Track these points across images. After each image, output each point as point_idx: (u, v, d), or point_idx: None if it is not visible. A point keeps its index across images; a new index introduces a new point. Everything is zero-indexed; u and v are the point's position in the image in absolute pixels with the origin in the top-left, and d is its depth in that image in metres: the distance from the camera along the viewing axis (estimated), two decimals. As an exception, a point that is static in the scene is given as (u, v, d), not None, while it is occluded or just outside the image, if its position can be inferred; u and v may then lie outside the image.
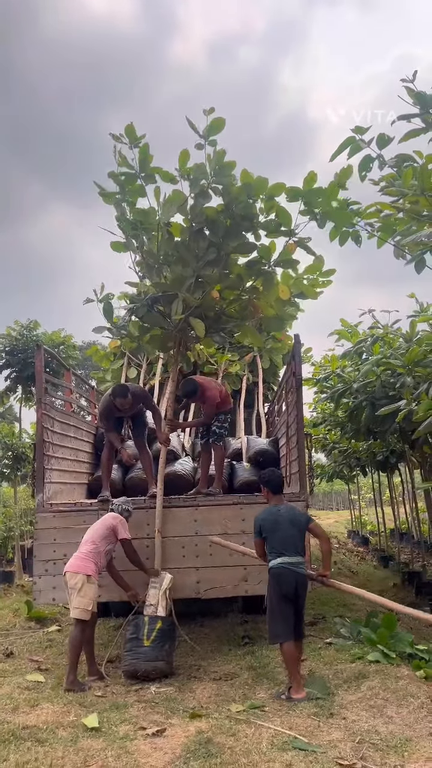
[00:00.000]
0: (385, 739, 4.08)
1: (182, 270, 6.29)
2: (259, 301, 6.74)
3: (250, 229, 6.26)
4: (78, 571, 5.39)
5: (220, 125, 5.97)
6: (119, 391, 6.56)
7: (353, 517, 24.76)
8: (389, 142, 6.34)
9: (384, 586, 12.04)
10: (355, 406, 8.48)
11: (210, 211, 6.14)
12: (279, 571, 5.07)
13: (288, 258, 6.40)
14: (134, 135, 6.15)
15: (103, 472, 7.01)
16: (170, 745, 4.06)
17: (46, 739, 4.17)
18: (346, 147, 6.34)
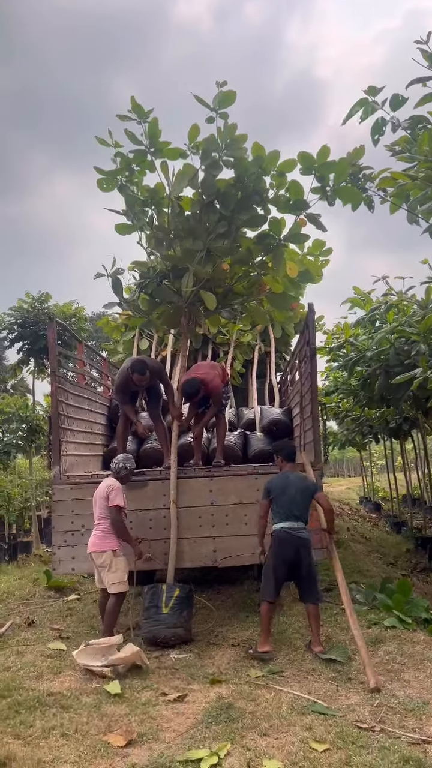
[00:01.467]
0: (402, 702, 4.15)
1: (193, 243, 6.24)
2: (266, 277, 6.70)
3: (260, 203, 6.19)
4: (102, 549, 5.48)
5: (231, 98, 5.88)
6: (138, 367, 6.55)
7: (365, 484, 24.87)
8: (403, 104, 6.18)
9: (397, 551, 12.15)
10: (368, 374, 8.42)
11: (221, 184, 6.08)
12: (281, 535, 5.32)
13: (298, 232, 6.33)
14: (142, 110, 6.06)
15: (119, 444, 7.05)
16: (192, 711, 4.15)
17: (71, 705, 4.28)
18: (359, 109, 6.20)
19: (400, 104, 6.13)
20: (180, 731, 3.85)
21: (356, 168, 6.71)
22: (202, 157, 6.01)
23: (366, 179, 6.77)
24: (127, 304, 7.24)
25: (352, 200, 6.22)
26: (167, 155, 6.24)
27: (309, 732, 3.74)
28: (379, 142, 6.37)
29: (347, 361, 8.62)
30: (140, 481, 6.47)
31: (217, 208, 6.16)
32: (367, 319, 8.87)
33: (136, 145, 6.22)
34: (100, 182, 6.46)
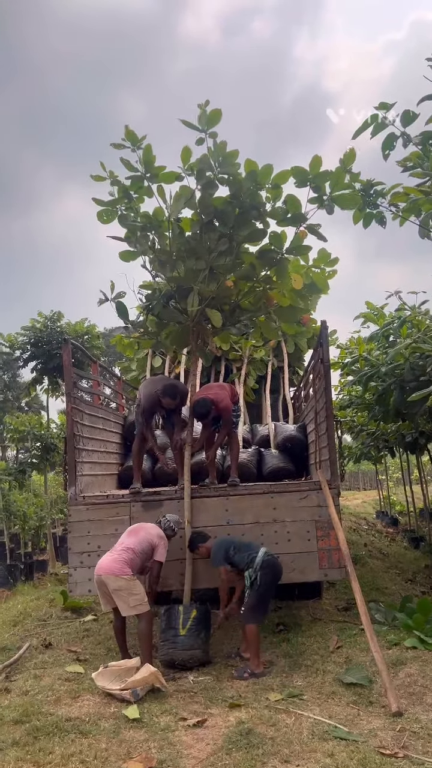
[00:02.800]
0: (426, 727, 4.09)
1: (195, 263, 6.27)
2: (273, 291, 6.70)
3: (258, 218, 6.22)
4: (121, 574, 5.29)
5: (216, 117, 5.90)
6: (170, 392, 6.54)
7: (381, 498, 24.64)
8: (414, 119, 6.20)
9: (416, 567, 11.99)
10: (383, 389, 8.38)
11: (218, 201, 6.11)
12: (272, 560, 5.57)
13: (299, 245, 6.34)
14: (135, 138, 6.12)
15: (135, 463, 7.04)
16: (212, 736, 4.11)
17: (89, 731, 4.24)
18: (370, 125, 6.22)
19: (411, 120, 6.15)
20: (200, 758, 3.81)
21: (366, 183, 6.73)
22: (197, 177, 6.05)
23: (378, 195, 6.78)
24: (134, 327, 7.27)
25: (351, 206, 6.22)
26: (163, 179, 6.28)
27: (331, 759, 3.68)
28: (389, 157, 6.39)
29: (361, 376, 8.58)
30: (155, 500, 6.46)
31: (216, 226, 6.19)
32: (380, 334, 8.85)
33: (132, 172, 6.27)
34: (99, 215, 6.51)
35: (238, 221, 6.09)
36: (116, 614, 5.54)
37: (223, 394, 6.72)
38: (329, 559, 6.15)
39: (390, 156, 6.33)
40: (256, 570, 5.43)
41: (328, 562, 6.14)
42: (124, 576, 5.31)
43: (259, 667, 5.38)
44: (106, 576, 5.33)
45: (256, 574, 5.42)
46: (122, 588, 5.31)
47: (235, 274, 6.52)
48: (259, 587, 5.42)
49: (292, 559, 6.16)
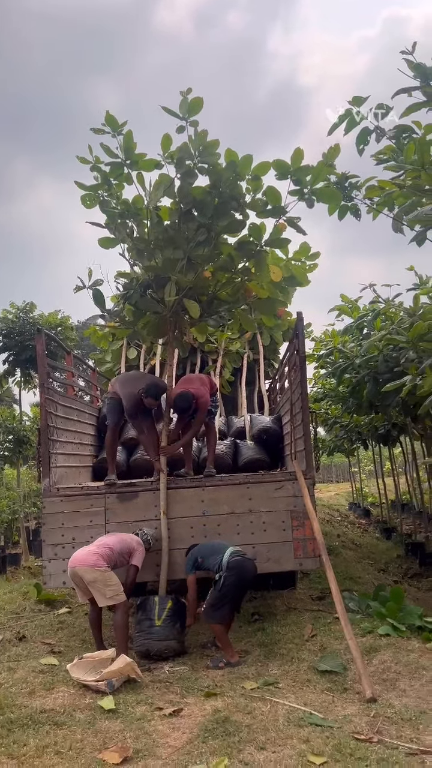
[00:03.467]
0: (399, 712, 4.14)
1: (173, 252, 6.23)
2: (251, 283, 6.69)
3: (238, 209, 6.19)
4: (91, 566, 5.26)
5: (198, 105, 5.87)
6: (153, 392, 6.44)
7: (354, 490, 24.91)
8: (388, 113, 6.24)
9: (388, 557, 12.16)
10: (357, 381, 8.45)
11: (197, 191, 6.06)
12: (240, 560, 5.48)
13: (279, 237, 6.32)
14: (115, 123, 6.09)
15: (109, 454, 6.99)
16: (188, 725, 4.11)
17: (64, 722, 4.21)
18: (344, 120, 6.24)
19: (384, 114, 6.18)
20: (176, 746, 3.81)
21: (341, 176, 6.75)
22: (176, 165, 6.01)
23: (352, 188, 6.81)
24: (111, 316, 7.21)
25: (332, 201, 6.21)
26: (143, 167, 6.25)
27: (306, 745, 3.71)
28: (364, 151, 6.41)
29: (336, 368, 8.65)
30: (130, 492, 6.44)
31: (195, 216, 6.15)
32: (354, 327, 8.92)
33: (113, 159, 6.23)
34: (83, 199, 6.44)
35: (217, 212, 6.06)
36: (92, 605, 5.51)
37: (204, 389, 6.70)
38: (304, 549, 6.19)
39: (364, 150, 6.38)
40: (223, 571, 5.38)
41: (303, 552, 6.19)
42: (99, 568, 5.28)
43: (234, 657, 5.39)
44: (80, 568, 5.29)
45: (222, 574, 5.37)
46: (97, 580, 5.28)
47: (213, 265, 6.49)
48: (221, 587, 5.34)
49: (268, 548, 6.19)
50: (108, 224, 6.43)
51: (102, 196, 6.38)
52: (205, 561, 5.54)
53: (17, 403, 28.60)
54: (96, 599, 5.34)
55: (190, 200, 6.10)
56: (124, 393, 6.63)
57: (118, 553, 5.53)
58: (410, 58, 5.27)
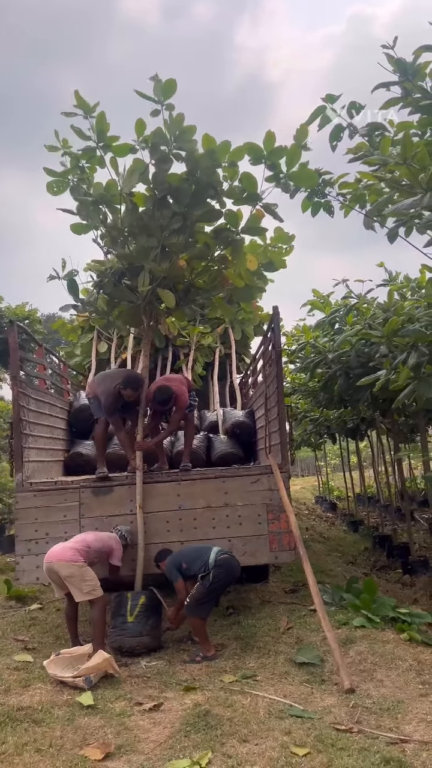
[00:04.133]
0: (377, 702, 4.20)
1: (147, 240, 6.13)
2: (228, 271, 6.63)
3: (214, 197, 6.09)
4: (68, 561, 5.22)
5: (172, 87, 5.69)
6: (132, 383, 6.36)
7: (320, 483, 25.17)
8: (360, 110, 6.29)
9: (356, 550, 12.33)
10: (329, 376, 8.52)
11: (173, 178, 5.94)
12: (228, 558, 5.49)
13: (256, 225, 6.25)
14: (87, 105, 5.91)
15: (99, 448, 6.90)
16: (169, 719, 4.10)
17: (43, 720, 4.16)
18: (317, 117, 6.26)
19: (357, 111, 6.23)
20: (159, 741, 3.79)
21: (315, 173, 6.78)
22: (151, 151, 5.86)
23: (326, 184, 6.84)
24: (85, 306, 7.11)
25: (308, 184, 6.16)
26: (116, 152, 6.07)
27: (288, 736, 3.73)
28: (336, 147, 6.45)
29: (308, 363, 8.69)
30: (106, 486, 6.38)
31: (171, 203, 6.03)
32: (327, 322, 8.98)
33: (85, 141, 6.05)
34: (50, 185, 6.29)
35: (193, 199, 5.97)
36: (68, 601, 5.45)
37: (183, 389, 6.68)
38: (279, 542, 6.22)
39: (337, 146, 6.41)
40: (210, 568, 5.34)
41: (278, 545, 6.22)
42: (75, 563, 5.23)
43: (211, 650, 5.39)
44: (57, 563, 5.24)
45: (210, 572, 5.33)
46: (74, 575, 5.23)
47: (188, 253, 6.40)
48: (210, 583, 5.31)
49: (244, 542, 6.20)
50: (80, 210, 6.27)
51: (72, 181, 6.24)
52: (190, 566, 5.45)
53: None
54: (73, 594, 5.28)
55: (165, 187, 5.97)
56: (101, 391, 6.56)
57: (96, 551, 5.48)
58: (390, 52, 5.31)
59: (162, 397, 6.41)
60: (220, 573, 5.35)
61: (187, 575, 5.48)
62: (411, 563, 9.40)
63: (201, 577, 5.34)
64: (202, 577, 5.34)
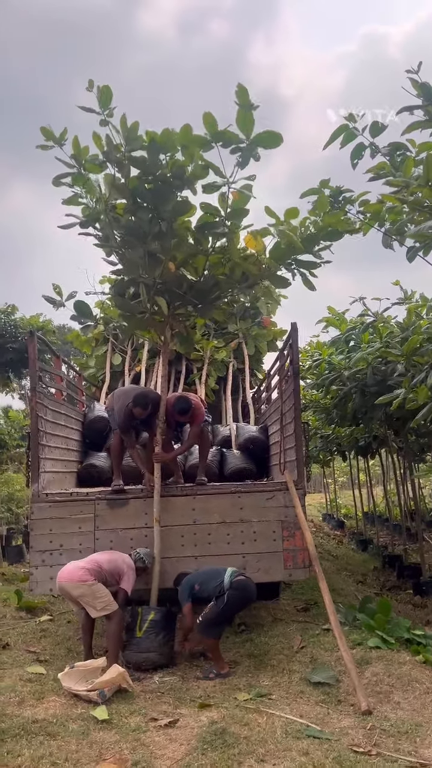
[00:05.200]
0: (395, 725, 4.16)
1: (131, 252, 6.02)
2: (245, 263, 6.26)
3: (182, 187, 5.78)
4: (77, 581, 5.23)
5: (108, 93, 5.46)
6: (140, 401, 6.40)
7: (328, 501, 25.05)
8: (382, 131, 6.33)
9: (365, 569, 12.25)
10: (344, 393, 8.52)
11: (132, 182, 5.73)
12: (243, 581, 5.43)
13: (239, 208, 5.89)
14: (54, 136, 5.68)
15: (115, 460, 6.90)
16: (185, 736, 4.06)
17: (58, 733, 4.13)
18: (339, 135, 6.31)
19: (379, 131, 6.27)
20: (175, 758, 3.76)
21: (335, 190, 6.82)
22: (108, 161, 5.69)
23: (346, 202, 6.89)
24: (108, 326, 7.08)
25: (274, 144, 5.77)
26: (90, 170, 5.90)
27: (306, 757, 3.70)
28: (357, 165, 6.50)
29: (324, 379, 8.70)
30: (121, 499, 6.38)
31: (145, 207, 5.84)
32: (342, 339, 9.00)
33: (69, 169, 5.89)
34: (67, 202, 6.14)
35: (158, 196, 5.72)
36: (85, 613, 5.43)
37: (200, 403, 6.75)
38: (294, 560, 6.20)
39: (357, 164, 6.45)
40: (225, 590, 5.29)
41: (293, 563, 6.19)
42: (85, 582, 5.24)
43: (224, 668, 5.35)
44: (67, 583, 5.27)
45: (225, 593, 5.28)
46: (85, 594, 5.26)
47: (181, 253, 6.18)
48: (225, 604, 5.25)
49: (258, 559, 6.19)
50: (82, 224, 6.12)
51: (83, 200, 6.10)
52: (203, 587, 5.40)
53: (-10, 405, 28.24)
54: (88, 611, 5.31)
55: (129, 194, 5.79)
56: (117, 408, 6.61)
57: (108, 572, 5.45)
58: (415, 77, 5.36)
59: (182, 406, 6.42)
60: (235, 595, 5.30)
61: (200, 597, 5.43)
62: (423, 584, 9.32)
63: (216, 598, 5.29)
64: (217, 598, 5.29)
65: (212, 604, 5.29)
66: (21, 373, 14.99)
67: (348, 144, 6.24)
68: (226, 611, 5.33)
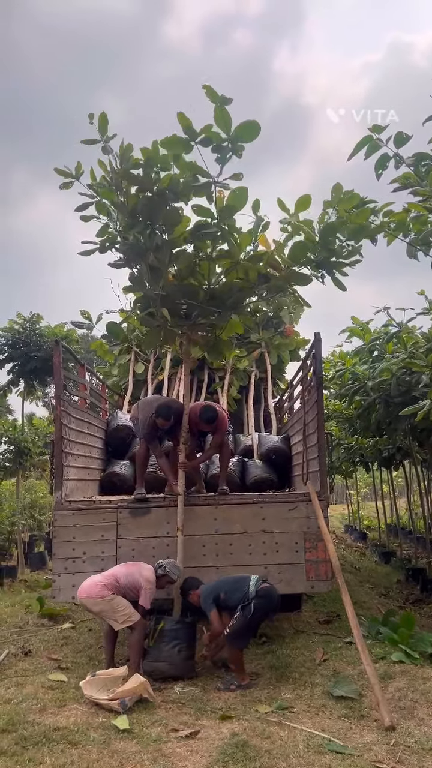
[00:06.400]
0: (419, 741, 4.09)
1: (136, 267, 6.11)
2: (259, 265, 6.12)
3: (175, 198, 5.76)
4: (95, 598, 5.26)
5: (104, 121, 5.61)
6: (163, 412, 6.44)
7: (350, 512, 24.82)
8: (407, 141, 6.31)
9: (388, 582, 12.07)
10: (368, 403, 8.45)
11: (132, 200, 5.77)
12: (268, 588, 5.43)
13: (231, 205, 5.75)
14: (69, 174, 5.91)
15: (139, 469, 6.93)
16: (206, 748, 4.04)
17: (79, 741, 4.14)
18: (364, 146, 6.30)
19: (403, 141, 6.26)
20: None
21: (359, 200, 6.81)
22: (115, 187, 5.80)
23: (371, 212, 6.87)
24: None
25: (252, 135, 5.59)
26: (104, 196, 5.97)
27: (329, 772, 3.65)
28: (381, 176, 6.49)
29: (347, 390, 8.64)
30: (144, 507, 6.39)
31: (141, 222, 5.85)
32: (366, 349, 8.94)
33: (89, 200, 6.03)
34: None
35: (150, 211, 5.73)
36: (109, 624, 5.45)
37: (224, 413, 6.76)
38: (316, 571, 6.15)
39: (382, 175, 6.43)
40: (251, 598, 5.27)
41: (315, 574, 6.14)
42: (103, 598, 5.27)
43: (246, 679, 5.32)
44: (86, 599, 5.32)
45: (251, 602, 5.26)
46: (104, 609, 5.30)
47: (181, 263, 6.13)
48: (252, 614, 5.23)
49: (280, 570, 6.15)
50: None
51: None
52: (228, 596, 5.37)
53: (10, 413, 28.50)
54: (111, 625, 5.37)
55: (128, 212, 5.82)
56: (141, 418, 6.66)
57: (125, 587, 5.44)
58: (441, 88, 5.35)
59: (208, 415, 6.44)
60: (261, 603, 5.28)
61: (225, 606, 5.41)
62: (447, 598, 9.17)
63: (241, 607, 5.27)
64: (243, 608, 5.26)
65: (238, 615, 5.26)
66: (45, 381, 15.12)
67: (372, 155, 6.27)
68: (253, 621, 5.31)
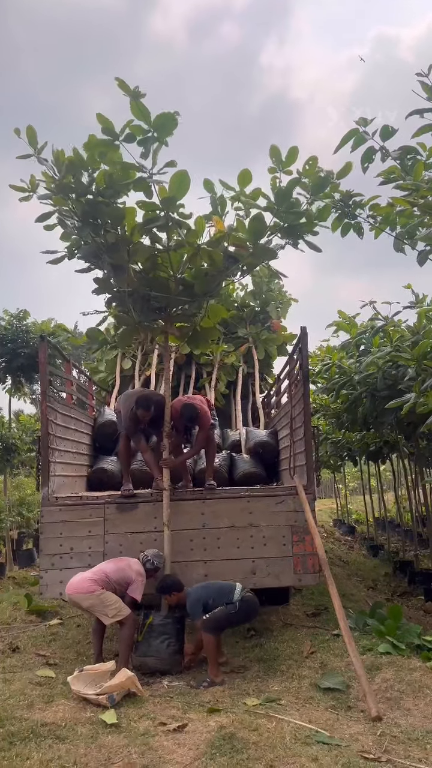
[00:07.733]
0: (405, 731, 4.12)
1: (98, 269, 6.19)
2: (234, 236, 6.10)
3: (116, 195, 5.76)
4: (84, 593, 5.26)
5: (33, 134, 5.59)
6: (143, 403, 6.45)
7: (339, 506, 24.95)
8: (393, 134, 6.33)
9: (376, 575, 12.16)
10: (354, 397, 8.49)
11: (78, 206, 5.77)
12: (250, 597, 5.46)
13: (170, 196, 5.65)
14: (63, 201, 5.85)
15: (123, 464, 6.93)
16: (193, 741, 4.05)
17: (66, 736, 4.14)
18: (350, 139, 6.31)
19: (389, 135, 6.28)
20: (184, 763, 3.75)
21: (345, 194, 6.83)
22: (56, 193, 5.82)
23: (356, 206, 6.88)
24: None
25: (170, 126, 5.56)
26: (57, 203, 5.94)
27: (315, 763, 3.67)
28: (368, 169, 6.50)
29: (334, 384, 8.67)
30: (130, 503, 6.39)
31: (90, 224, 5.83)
32: (352, 343, 8.97)
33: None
34: None
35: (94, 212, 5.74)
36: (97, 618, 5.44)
37: (205, 408, 6.74)
38: (303, 564, 6.18)
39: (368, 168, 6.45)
40: (236, 602, 5.33)
41: (302, 567, 6.17)
42: (93, 593, 5.26)
43: (219, 676, 5.27)
44: (75, 595, 5.31)
45: (237, 604, 5.32)
46: (94, 605, 5.29)
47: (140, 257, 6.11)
48: (234, 612, 5.29)
49: (267, 563, 6.17)
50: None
51: None
52: (216, 602, 5.38)
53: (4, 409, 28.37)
54: (101, 620, 5.36)
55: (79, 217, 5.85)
56: (123, 412, 6.67)
57: (115, 582, 5.45)
58: (425, 80, 5.36)
59: (190, 414, 6.44)
60: (243, 607, 5.34)
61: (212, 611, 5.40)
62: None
63: (226, 603, 5.32)
64: (227, 604, 5.32)
65: (222, 608, 5.30)
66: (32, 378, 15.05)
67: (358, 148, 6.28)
68: (233, 618, 5.36)
